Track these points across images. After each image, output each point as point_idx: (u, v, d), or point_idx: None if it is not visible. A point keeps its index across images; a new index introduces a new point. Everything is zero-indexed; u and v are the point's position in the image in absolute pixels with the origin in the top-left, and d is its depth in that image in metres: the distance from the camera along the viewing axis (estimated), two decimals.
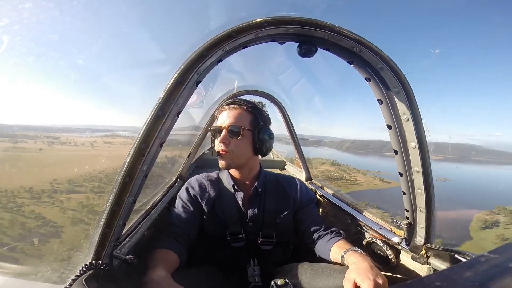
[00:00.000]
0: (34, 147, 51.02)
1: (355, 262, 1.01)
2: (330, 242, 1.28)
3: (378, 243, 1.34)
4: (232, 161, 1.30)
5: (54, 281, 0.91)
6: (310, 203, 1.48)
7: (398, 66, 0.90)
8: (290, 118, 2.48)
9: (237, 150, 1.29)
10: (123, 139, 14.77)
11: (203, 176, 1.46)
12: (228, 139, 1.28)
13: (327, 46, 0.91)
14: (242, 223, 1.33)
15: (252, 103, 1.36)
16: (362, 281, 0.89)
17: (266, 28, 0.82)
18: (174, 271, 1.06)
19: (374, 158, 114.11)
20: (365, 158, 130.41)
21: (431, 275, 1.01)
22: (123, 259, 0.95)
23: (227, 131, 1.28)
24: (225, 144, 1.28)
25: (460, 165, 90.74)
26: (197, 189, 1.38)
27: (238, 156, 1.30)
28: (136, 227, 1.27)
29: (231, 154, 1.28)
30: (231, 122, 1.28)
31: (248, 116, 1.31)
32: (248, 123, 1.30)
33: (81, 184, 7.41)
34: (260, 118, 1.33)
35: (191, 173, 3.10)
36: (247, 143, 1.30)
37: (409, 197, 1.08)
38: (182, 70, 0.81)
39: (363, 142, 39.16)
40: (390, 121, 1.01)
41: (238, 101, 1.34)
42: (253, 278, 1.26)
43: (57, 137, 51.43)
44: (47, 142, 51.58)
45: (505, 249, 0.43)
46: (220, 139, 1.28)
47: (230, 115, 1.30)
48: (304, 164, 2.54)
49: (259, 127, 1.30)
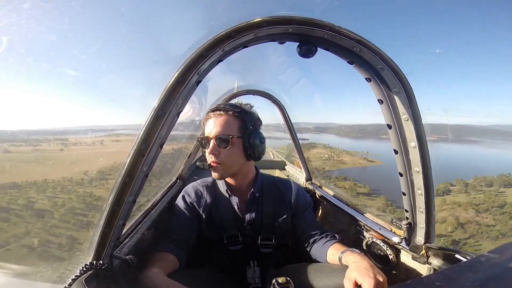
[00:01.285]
0: (53, 148, 54.37)
1: (354, 261, 1.01)
2: (325, 245, 1.28)
3: (378, 243, 1.34)
4: (224, 171, 1.26)
5: (54, 280, 0.91)
6: (306, 208, 1.47)
7: (398, 66, 0.90)
8: (290, 118, 2.48)
9: (228, 160, 1.23)
10: (128, 137, 15.97)
11: (199, 183, 1.44)
12: (217, 149, 1.22)
13: (327, 46, 0.91)
14: (239, 227, 1.32)
15: (239, 107, 1.28)
16: (363, 279, 0.89)
17: (266, 27, 0.82)
18: (174, 272, 1.06)
19: (370, 141, 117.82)
20: (362, 141, 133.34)
21: (431, 275, 1.01)
22: (123, 259, 0.95)
23: (215, 141, 1.22)
24: (215, 155, 1.22)
25: (454, 145, 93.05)
26: (193, 197, 1.36)
27: (230, 165, 1.25)
28: (136, 227, 1.27)
29: (222, 165, 1.23)
30: (218, 131, 1.21)
31: (235, 122, 1.24)
32: (237, 130, 1.23)
33: (109, 173, 7.95)
34: (248, 122, 1.25)
35: (191, 173, 3.10)
36: (238, 151, 1.24)
37: (409, 197, 1.08)
38: (182, 70, 0.81)
39: (361, 126, 40.85)
40: (390, 121, 1.01)
41: (223, 107, 1.26)
42: (252, 279, 1.26)
43: (66, 139, 54.10)
44: (60, 144, 54.53)
45: (505, 249, 0.43)
46: (209, 150, 1.22)
47: (216, 123, 1.23)
48: (304, 164, 2.54)
49: (248, 132, 1.23)
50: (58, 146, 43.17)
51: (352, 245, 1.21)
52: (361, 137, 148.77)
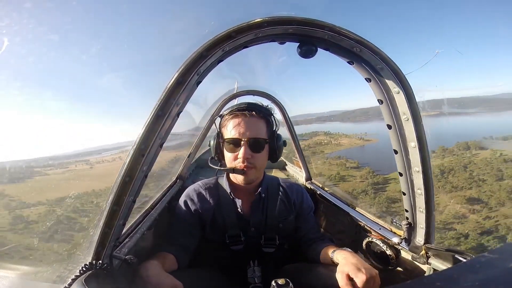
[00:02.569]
0: (81, 168, 56.62)
1: (344, 258, 1.03)
2: (320, 247, 1.29)
3: (378, 243, 1.34)
4: (255, 176, 1.24)
5: (54, 280, 0.91)
6: (309, 211, 1.48)
7: (398, 66, 0.90)
8: (290, 118, 2.48)
9: (260, 164, 1.21)
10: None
11: (201, 185, 1.40)
12: (250, 153, 1.17)
13: (327, 46, 0.91)
14: (243, 227, 1.32)
15: (265, 108, 1.25)
16: (355, 275, 0.90)
17: (266, 28, 0.82)
18: (175, 271, 1.06)
19: (373, 123, 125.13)
20: (365, 124, 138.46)
21: (432, 275, 1.01)
22: (123, 259, 0.95)
23: (248, 144, 1.16)
24: (248, 159, 1.17)
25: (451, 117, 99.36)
26: (196, 201, 1.34)
27: (261, 169, 1.24)
28: (136, 227, 1.26)
29: (255, 169, 1.20)
30: (252, 134, 1.16)
31: (264, 124, 1.22)
32: (265, 133, 1.21)
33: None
34: (274, 124, 1.24)
35: (191, 173, 3.10)
36: (267, 154, 1.24)
37: (409, 197, 1.08)
38: (183, 70, 0.81)
39: (362, 110, 42.42)
40: (390, 121, 1.01)
41: (254, 107, 1.22)
42: (253, 279, 1.26)
43: (87, 160, 56.25)
44: (85, 164, 56.76)
45: (505, 249, 0.43)
46: (243, 154, 1.16)
47: (249, 126, 1.17)
48: (304, 164, 2.54)
49: (275, 135, 1.22)
50: (84, 166, 45.60)
51: (352, 245, 1.21)
52: (364, 120, 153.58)
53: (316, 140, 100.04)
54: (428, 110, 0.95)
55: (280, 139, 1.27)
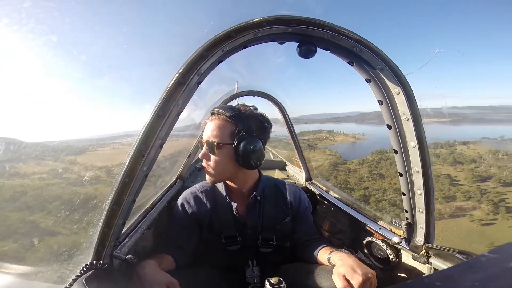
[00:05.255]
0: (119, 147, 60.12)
1: (341, 259, 1.03)
2: (316, 248, 1.29)
3: (378, 243, 1.34)
4: (213, 177, 1.25)
5: (54, 281, 0.91)
6: (307, 212, 1.47)
7: (398, 67, 0.90)
8: (290, 118, 2.48)
9: (216, 166, 1.21)
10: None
11: (197, 188, 1.41)
12: (207, 154, 1.21)
13: (326, 46, 0.91)
14: (239, 228, 1.32)
15: (234, 110, 1.20)
16: (351, 277, 0.90)
17: (265, 27, 0.82)
18: (173, 271, 1.06)
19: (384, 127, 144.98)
20: (375, 127, 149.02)
21: (432, 274, 1.00)
22: (123, 259, 0.95)
23: (206, 145, 1.21)
24: (205, 160, 1.22)
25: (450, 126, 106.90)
26: (193, 203, 1.35)
27: (219, 172, 1.23)
28: (136, 227, 1.27)
29: (210, 170, 1.23)
30: (208, 136, 1.20)
31: (228, 127, 1.18)
32: (228, 136, 1.18)
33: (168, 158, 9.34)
34: (242, 128, 1.17)
35: (191, 173, 3.10)
36: (227, 158, 1.19)
37: (409, 197, 1.08)
38: (183, 70, 0.81)
39: (378, 113, 44.73)
40: (390, 121, 1.01)
41: (218, 110, 1.22)
42: (252, 279, 1.26)
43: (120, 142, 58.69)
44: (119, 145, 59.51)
45: (506, 249, 0.43)
46: (200, 155, 1.23)
47: (210, 128, 1.21)
48: (304, 164, 2.54)
49: (240, 138, 1.16)
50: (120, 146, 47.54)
51: (352, 245, 1.21)
52: (376, 123, 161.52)
53: (316, 136, 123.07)
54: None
55: (248, 143, 1.16)
